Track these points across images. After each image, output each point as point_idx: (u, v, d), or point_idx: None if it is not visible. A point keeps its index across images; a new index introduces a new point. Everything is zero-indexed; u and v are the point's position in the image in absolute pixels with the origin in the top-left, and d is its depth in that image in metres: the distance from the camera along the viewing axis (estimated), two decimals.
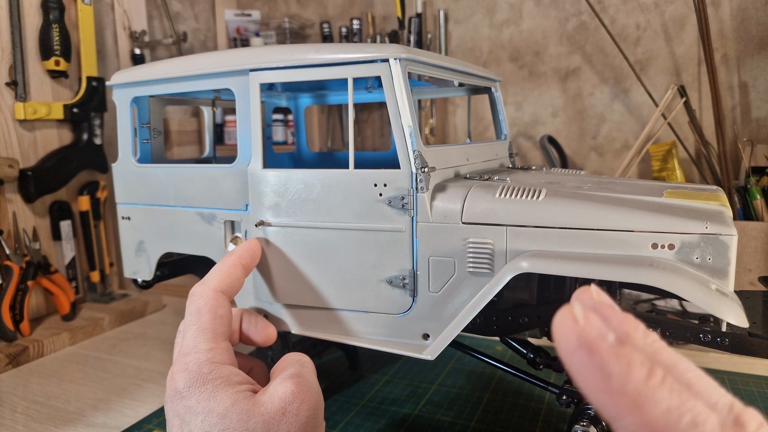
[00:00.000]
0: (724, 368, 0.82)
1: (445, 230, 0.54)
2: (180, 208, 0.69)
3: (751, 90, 1.25)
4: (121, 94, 0.73)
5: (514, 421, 0.69)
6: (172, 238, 0.70)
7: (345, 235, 0.58)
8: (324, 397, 0.79)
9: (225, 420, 0.44)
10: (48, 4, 1.09)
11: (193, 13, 1.73)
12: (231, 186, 0.64)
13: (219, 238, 0.67)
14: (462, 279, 0.54)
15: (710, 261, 0.46)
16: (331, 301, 0.60)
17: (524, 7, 1.46)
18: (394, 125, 0.54)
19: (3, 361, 0.90)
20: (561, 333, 0.24)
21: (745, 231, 1.09)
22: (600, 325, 0.24)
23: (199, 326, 0.49)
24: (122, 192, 0.74)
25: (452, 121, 1.61)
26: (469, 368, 0.85)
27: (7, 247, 1.02)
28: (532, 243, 0.51)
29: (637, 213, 0.48)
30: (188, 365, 0.47)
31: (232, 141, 1.91)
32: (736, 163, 1.23)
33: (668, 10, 1.31)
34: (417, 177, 0.54)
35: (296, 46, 0.59)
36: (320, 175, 0.58)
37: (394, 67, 0.54)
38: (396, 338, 0.59)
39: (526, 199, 0.52)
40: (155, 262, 0.73)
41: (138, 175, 0.72)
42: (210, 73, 0.64)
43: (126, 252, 0.76)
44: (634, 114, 1.39)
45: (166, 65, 0.69)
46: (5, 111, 1.05)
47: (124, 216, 0.74)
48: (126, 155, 0.73)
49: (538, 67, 1.47)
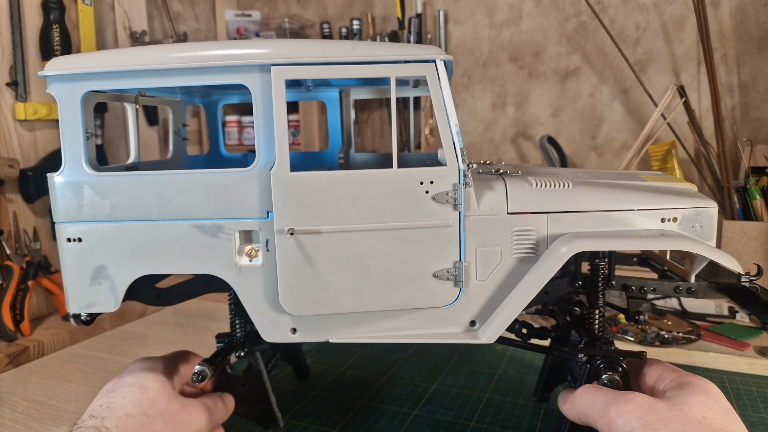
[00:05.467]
0: (725, 368, 0.82)
1: (492, 221, 0.58)
2: (167, 222, 0.59)
3: (751, 90, 1.25)
4: (66, 87, 0.58)
5: (514, 421, 0.69)
6: (154, 257, 0.60)
7: (387, 234, 0.57)
8: (324, 396, 0.80)
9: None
10: (48, 5, 1.09)
11: (194, 14, 1.73)
12: (246, 192, 0.58)
13: (228, 251, 0.59)
14: (508, 265, 0.59)
15: (701, 229, 0.59)
16: (374, 303, 0.59)
17: (524, 8, 1.47)
18: (440, 125, 0.56)
19: (3, 360, 0.90)
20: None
21: (745, 231, 1.09)
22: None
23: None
24: (68, 209, 0.59)
25: None
26: (469, 368, 0.85)
27: (8, 247, 1.02)
28: (569, 226, 0.58)
29: (647, 195, 0.59)
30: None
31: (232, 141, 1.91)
32: (735, 163, 1.23)
33: (668, 10, 1.31)
34: (464, 173, 0.56)
35: (327, 42, 0.57)
36: (361, 175, 0.56)
37: (440, 67, 0.56)
38: (443, 329, 0.60)
39: (559, 189, 0.59)
40: (124, 288, 0.61)
41: (97, 186, 0.59)
42: (216, 67, 0.57)
43: (73, 281, 0.61)
44: (634, 114, 1.39)
45: (143, 54, 0.57)
46: (6, 111, 1.05)
47: (72, 238, 0.60)
48: (75, 163, 0.59)
49: (538, 68, 1.47)
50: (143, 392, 0.58)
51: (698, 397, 0.49)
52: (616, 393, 0.52)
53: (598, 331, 0.63)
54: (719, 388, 0.52)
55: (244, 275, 0.59)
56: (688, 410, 0.47)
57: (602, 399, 0.52)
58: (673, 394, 0.51)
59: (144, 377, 0.60)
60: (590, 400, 0.53)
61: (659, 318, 1.00)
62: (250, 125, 1.88)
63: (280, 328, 0.61)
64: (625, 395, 0.51)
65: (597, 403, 0.52)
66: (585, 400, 0.54)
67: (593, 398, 0.53)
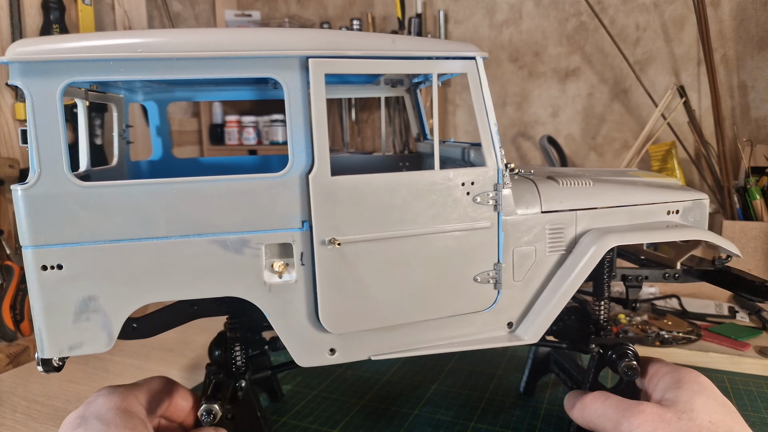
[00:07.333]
0: (725, 368, 0.82)
1: (527, 221, 0.58)
2: (179, 238, 0.50)
3: (751, 90, 1.25)
4: (40, 77, 0.46)
5: (514, 421, 0.69)
6: (161, 282, 0.50)
7: (430, 240, 0.54)
8: (323, 396, 0.80)
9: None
10: (48, 5, 1.09)
11: (194, 14, 1.73)
12: (278, 200, 0.51)
13: (255, 268, 0.52)
14: (541, 264, 0.59)
15: (697, 219, 0.64)
16: (416, 313, 0.56)
17: (524, 8, 1.47)
18: (480, 123, 0.55)
19: (3, 361, 0.90)
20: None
21: (745, 231, 1.09)
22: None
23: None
24: (44, 228, 0.48)
25: (452, 121, 1.61)
26: (469, 368, 0.85)
27: (8, 247, 1.02)
28: (593, 222, 0.60)
29: (654, 190, 0.63)
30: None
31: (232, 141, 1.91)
32: (735, 163, 1.23)
33: (668, 10, 1.31)
34: (502, 173, 0.56)
35: (366, 34, 0.53)
36: (405, 178, 0.53)
37: (480, 65, 0.55)
38: (484, 334, 0.59)
39: (582, 187, 0.62)
40: (121, 322, 0.51)
41: (86, 199, 0.48)
42: (242, 57, 0.49)
43: (50, 319, 0.49)
44: (634, 114, 1.39)
45: (147, 39, 0.48)
46: (6, 111, 1.05)
47: (50, 265, 0.49)
48: (54, 172, 0.47)
49: (538, 68, 1.47)
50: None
51: (699, 398, 0.50)
52: (626, 404, 0.53)
53: (603, 321, 0.64)
54: (719, 388, 0.53)
55: (274, 294, 0.52)
56: (695, 417, 0.49)
57: (613, 411, 0.53)
58: (674, 397, 0.51)
59: (110, 413, 0.51)
60: (601, 411, 0.54)
61: (659, 318, 1.00)
62: (250, 125, 1.88)
63: (317, 350, 0.55)
64: (635, 406, 0.51)
65: (608, 414, 0.53)
66: (595, 410, 0.54)
67: (604, 409, 0.54)
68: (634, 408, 0.51)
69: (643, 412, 0.50)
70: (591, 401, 0.56)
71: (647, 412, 0.50)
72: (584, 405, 0.56)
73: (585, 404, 0.56)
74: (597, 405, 0.55)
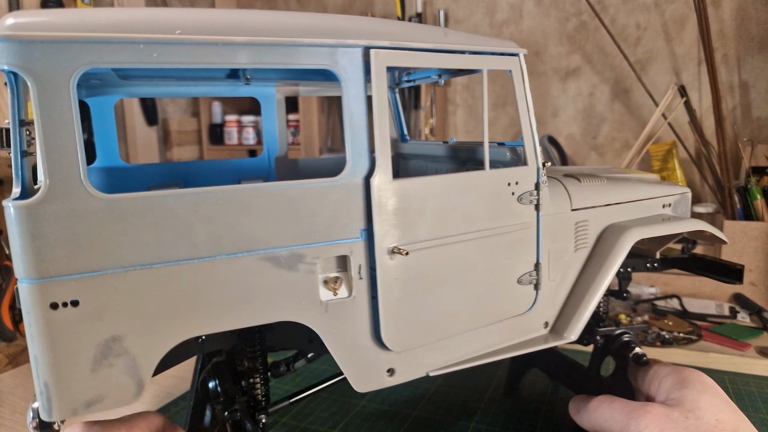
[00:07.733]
0: (725, 368, 0.82)
1: (561, 219, 0.59)
2: (223, 257, 0.42)
3: (752, 90, 1.25)
4: (49, 59, 0.36)
5: (514, 421, 0.69)
6: (202, 311, 0.42)
7: (479, 243, 0.53)
8: (324, 396, 0.80)
9: None
10: (48, 4, 1.09)
11: None
12: (334, 208, 0.45)
13: (310, 286, 0.45)
14: (571, 261, 0.60)
15: (684, 211, 0.70)
16: (468, 321, 0.54)
17: (524, 7, 1.46)
18: (522, 121, 0.54)
19: (3, 361, 0.90)
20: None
21: (746, 231, 1.09)
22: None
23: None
24: (57, 255, 0.38)
25: (452, 120, 1.61)
26: (469, 368, 0.85)
27: (7, 247, 1.02)
28: (607, 218, 0.62)
29: (651, 186, 0.67)
30: None
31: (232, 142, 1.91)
32: (736, 163, 1.23)
33: (668, 9, 1.31)
34: (541, 172, 0.55)
35: (419, 26, 0.50)
36: (459, 179, 0.51)
37: (523, 61, 0.55)
38: (525, 337, 0.59)
39: (599, 185, 0.64)
40: (154, 365, 0.42)
41: (111, 215, 0.39)
42: (294, 45, 0.42)
43: (64, 370, 0.39)
44: (635, 114, 1.39)
45: (186, 17, 0.40)
46: (5, 111, 1.05)
47: (63, 301, 0.39)
48: (67, 183, 0.37)
49: (539, 67, 1.47)
50: None
51: (704, 397, 0.51)
52: (632, 405, 0.53)
53: (603, 313, 0.65)
54: (720, 388, 0.53)
55: (331, 314, 0.46)
56: (702, 416, 0.49)
57: (619, 413, 0.53)
58: (680, 396, 0.52)
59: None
60: (607, 414, 0.54)
61: (660, 318, 1.00)
62: (250, 125, 1.88)
63: (375, 372, 0.50)
64: (641, 408, 0.52)
65: (615, 417, 0.53)
66: (602, 414, 0.55)
67: (610, 412, 0.54)
68: (641, 409, 0.51)
69: (650, 413, 0.50)
70: (597, 405, 0.56)
71: (654, 412, 0.50)
72: (590, 410, 0.56)
73: (591, 409, 0.56)
74: (603, 408, 0.55)
